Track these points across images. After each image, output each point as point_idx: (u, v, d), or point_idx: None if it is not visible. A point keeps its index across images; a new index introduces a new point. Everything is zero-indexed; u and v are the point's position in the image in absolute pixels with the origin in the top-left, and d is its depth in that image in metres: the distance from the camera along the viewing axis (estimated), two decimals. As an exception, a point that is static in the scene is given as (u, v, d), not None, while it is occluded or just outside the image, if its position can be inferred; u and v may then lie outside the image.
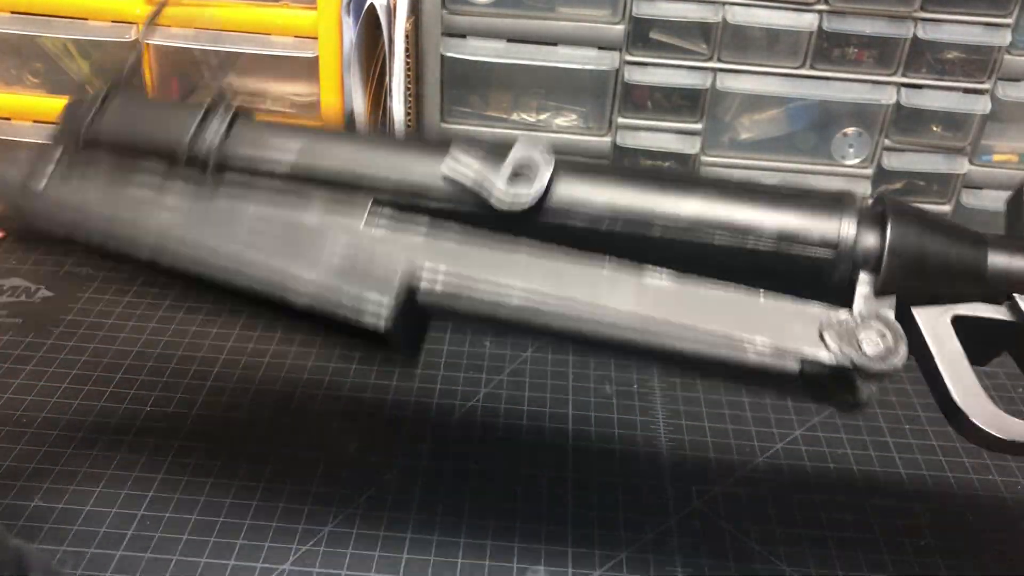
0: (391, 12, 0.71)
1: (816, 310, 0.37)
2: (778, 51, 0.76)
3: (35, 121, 0.78)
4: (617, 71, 0.76)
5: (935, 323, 0.38)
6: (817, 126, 0.79)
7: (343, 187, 0.40)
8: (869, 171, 0.79)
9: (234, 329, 0.70)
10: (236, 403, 0.63)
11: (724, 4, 0.73)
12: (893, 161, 0.79)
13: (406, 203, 0.40)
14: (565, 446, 0.61)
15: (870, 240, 0.38)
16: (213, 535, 0.53)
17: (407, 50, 0.72)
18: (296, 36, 0.72)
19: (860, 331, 0.36)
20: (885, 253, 0.37)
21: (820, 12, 0.73)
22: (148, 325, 0.70)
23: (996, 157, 0.79)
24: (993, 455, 0.62)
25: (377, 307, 0.37)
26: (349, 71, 0.73)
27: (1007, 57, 0.74)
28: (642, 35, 0.75)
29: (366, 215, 0.40)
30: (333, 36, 0.71)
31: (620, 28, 0.75)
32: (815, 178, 0.80)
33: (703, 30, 0.75)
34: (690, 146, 0.79)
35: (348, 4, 0.71)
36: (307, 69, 0.74)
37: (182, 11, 0.72)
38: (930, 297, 0.38)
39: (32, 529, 0.53)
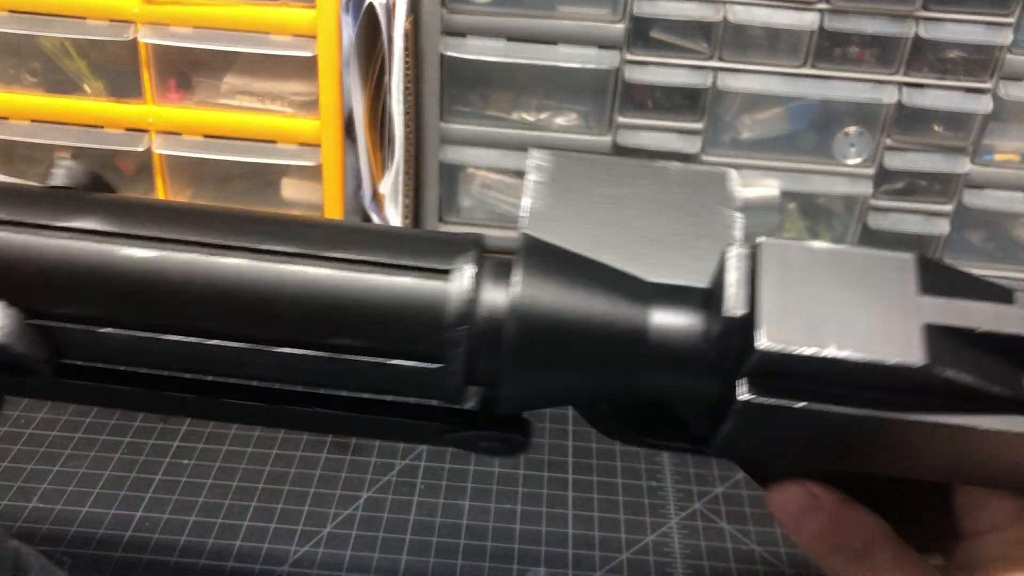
0: (390, 11, 0.70)
1: (432, 427, 0.32)
2: (779, 50, 0.75)
3: (33, 120, 0.77)
4: (617, 70, 0.76)
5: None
6: (818, 125, 0.79)
7: None
8: (871, 171, 0.79)
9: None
10: (235, 404, 0.62)
11: (725, 3, 0.73)
12: (895, 161, 0.78)
13: None
14: (565, 446, 0.61)
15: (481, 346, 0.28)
16: (211, 536, 0.53)
17: (406, 49, 0.72)
18: (295, 35, 0.72)
19: (479, 442, 0.32)
20: (504, 380, 0.27)
21: (821, 11, 0.73)
22: (146, 325, 0.69)
23: (998, 157, 0.79)
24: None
25: None
26: (348, 70, 0.72)
27: (1009, 56, 0.74)
28: (642, 34, 0.75)
29: None
30: (332, 35, 0.71)
31: (620, 27, 0.74)
32: (817, 178, 0.79)
33: (704, 29, 0.75)
34: (691, 145, 0.79)
35: (347, 3, 0.70)
36: (306, 68, 0.73)
37: (180, 10, 0.72)
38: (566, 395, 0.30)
39: (30, 530, 0.52)
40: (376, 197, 0.78)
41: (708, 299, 0.28)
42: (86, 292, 0.28)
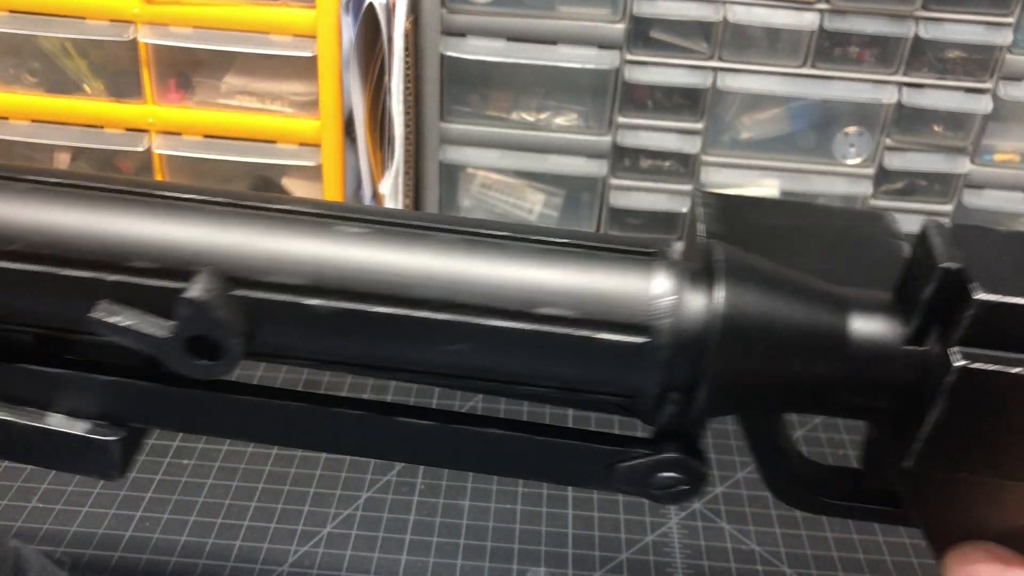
0: (390, 11, 0.70)
1: (605, 452, 0.31)
2: (779, 50, 0.76)
3: (33, 120, 0.77)
4: (617, 70, 0.76)
5: (765, 445, 0.32)
6: (818, 125, 0.79)
7: None
8: (870, 171, 0.79)
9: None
10: (235, 404, 0.62)
11: (725, 3, 0.73)
12: (894, 161, 0.78)
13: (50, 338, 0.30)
14: (565, 447, 0.61)
15: (683, 350, 0.27)
16: (211, 536, 0.53)
17: (406, 49, 0.72)
18: (295, 35, 0.72)
19: (655, 473, 0.30)
20: (706, 374, 0.27)
21: (821, 11, 0.73)
22: (146, 325, 0.69)
23: (997, 157, 0.79)
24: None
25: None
26: (348, 70, 0.72)
27: (1008, 56, 0.74)
28: (642, 34, 0.75)
29: None
30: (332, 35, 0.71)
31: (620, 27, 0.74)
32: (816, 178, 0.79)
33: (704, 29, 0.75)
34: (691, 146, 0.79)
35: (347, 3, 0.70)
36: (306, 68, 0.73)
37: (180, 10, 0.72)
38: (760, 403, 0.30)
39: (30, 530, 0.52)
40: (376, 197, 0.78)
41: (900, 293, 0.28)
42: (296, 261, 0.28)
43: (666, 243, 0.29)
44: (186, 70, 0.77)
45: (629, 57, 0.76)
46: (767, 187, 0.80)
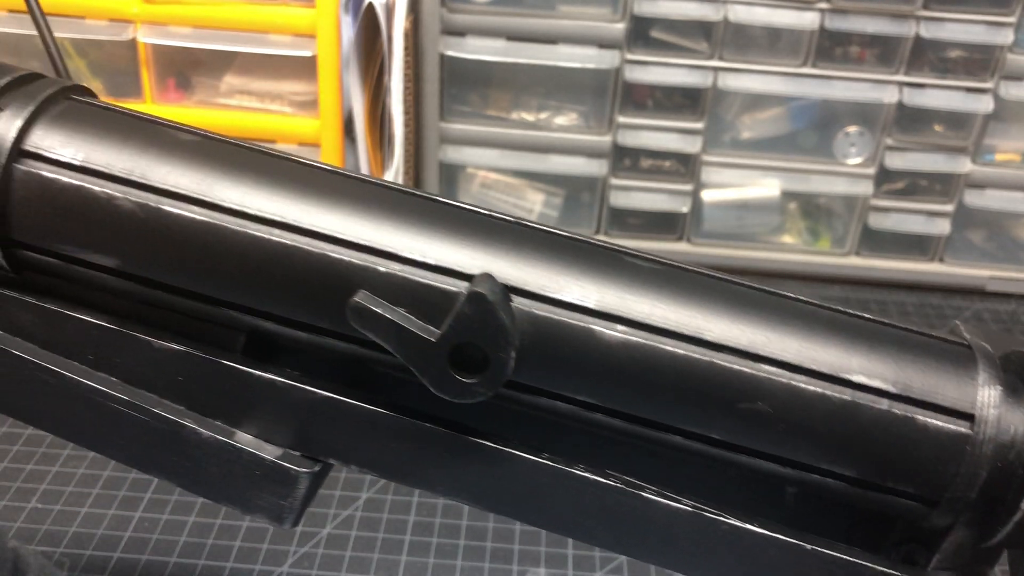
0: (390, 11, 0.70)
1: None
2: (780, 50, 0.75)
3: (32, 120, 0.77)
4: (618, 70, 0.76)
5: None
6: (819, 125, 0.79)
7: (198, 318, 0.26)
8: (871, 170, 0.79)
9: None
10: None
11: (725, 3, 0.73)
12: (895, 160, 0.78)
13: (286, 340, 0.26)
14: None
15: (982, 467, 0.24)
16: (211, 537, 0.53)
17: (406, 49, 0.72)
18: (294, 35, 0.72)
19: None
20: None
21: (822, 11, 0.73)
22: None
23: (998, 156, 0.79)
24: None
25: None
26: (348, 70, 0.72)
27: (1010, 56, 0.74)
28: (643, 34, 0.75)
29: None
30: (331, 35, 0.71)
31: (620, 27, 0.74)
32: (817, 177, 0.79)
33: (704, 29, 0.75)
34: (691, 145, 0.78)
35: (347, 3, 0.70)
36: (305, 68, 0.73)
37: (179, 10, 0.72)
38: None
39: (29, 531, 0.52)
40: (376, 197, 0.78)
41: None
42: (588, 283, 0.24)
43: (986, 368, 0.25)
44: (185, 70, 0.77)
45: (629, 57, 0.75)
46: (768, 187, 0.80)
